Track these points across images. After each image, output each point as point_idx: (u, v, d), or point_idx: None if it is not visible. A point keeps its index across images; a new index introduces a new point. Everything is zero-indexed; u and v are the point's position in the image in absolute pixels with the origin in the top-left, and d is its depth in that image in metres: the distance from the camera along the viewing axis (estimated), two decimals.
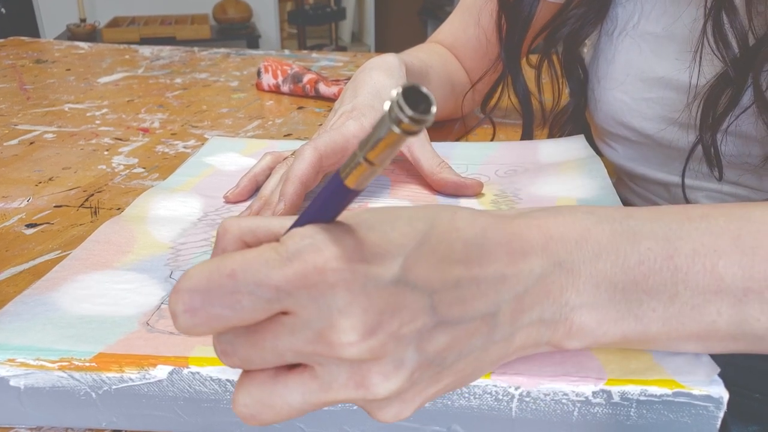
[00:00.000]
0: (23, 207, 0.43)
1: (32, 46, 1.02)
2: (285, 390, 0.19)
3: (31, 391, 0.24)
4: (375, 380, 0.18)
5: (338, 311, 0.17)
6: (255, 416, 0.19)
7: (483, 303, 0.20)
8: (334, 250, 0.17)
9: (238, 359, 0.19)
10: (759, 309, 0.21)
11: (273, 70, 0.74)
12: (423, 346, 0.19)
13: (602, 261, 0.21)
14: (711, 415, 0.22)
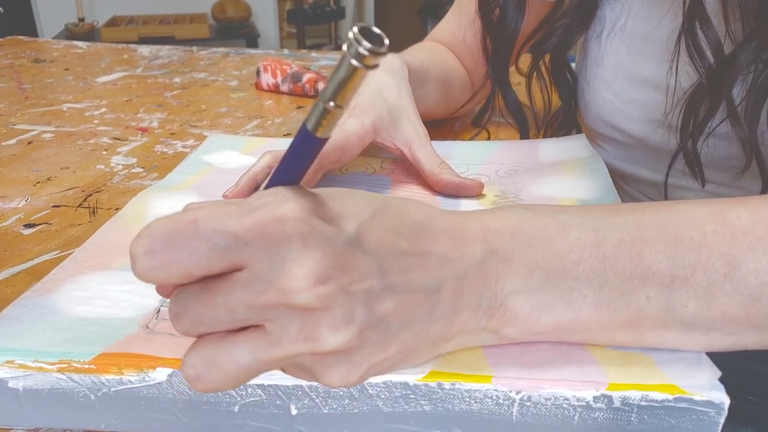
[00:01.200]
0: (21, 207, 0.43)
1: (30, 46, 1.01)
2: (233, 348, 0.19)
3: (29, 393, 0.24)
4: (324, 332, 0.19)
5: (291, 261, 0.18)
6: (201, 376, 0.19)
7: (426, 277, 0.21)
8: (294, 206, 0.18)
9: (189, 321, 0.19)
10: (686, 295, 0.22)
11: (272, 70, 0.73)
12: (371, 306, 0.20)
13: (534, 250, 0.23)
14: (712, 421, 0.22)
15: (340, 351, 0.19)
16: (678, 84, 0.38)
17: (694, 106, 0.36)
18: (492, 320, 0.23)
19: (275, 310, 0.18)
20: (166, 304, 0.28)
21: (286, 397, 0.23)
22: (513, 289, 0.23)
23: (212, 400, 0.24)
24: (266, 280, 0.18)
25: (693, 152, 0.36)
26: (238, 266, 0.18)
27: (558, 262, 0.23)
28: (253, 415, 0.24)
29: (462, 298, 0.22)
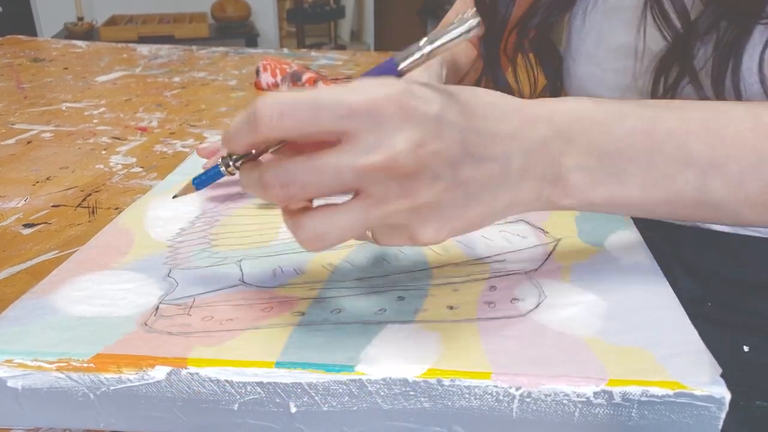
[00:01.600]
0: (20, 207, 0.43)
1: (29, 45, 1.01)
2: (347, 212, 0.22)
3: (28, 392, 0.24)
4: (420, 188, 0.22)
5: (393, 129, 0.22)
6: (321, 237, 0.23)
7: (499, 149, 0.24)
8: (393, 89, 0.22)
9: (297, 187, 0.22)
10: (719, 181, 0.26)
11: (272, 69, 0.73)
12: (455, 169, 0.23)
13: (595, 132, 0.26)
14: (713, 416, 0.22)
15: (432, 204, 0.23)
16: (648, 49, 0.39)
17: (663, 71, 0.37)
18: (554, 190, 0.26)
19: (378, 174, 0.22)
20: (164, 302, 0.28)
21: (286, 395, 0.23)
22: (573, 165, 0.26)
23: (211, 399, 0.24)
24: (374, 145, 0.22)
25: None
26: (349, 134, 0.22)
27: (614, 144, 0.26)
28: (253, 414, 0.24)
29: (529, 169, 0.25)
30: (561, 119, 0.26)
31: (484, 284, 0.28)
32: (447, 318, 0.26)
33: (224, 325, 0.26)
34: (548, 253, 0.31)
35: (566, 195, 0.26)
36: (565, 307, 0.26)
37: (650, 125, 0.26)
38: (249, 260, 0.31)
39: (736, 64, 0.32)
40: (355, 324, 0.26)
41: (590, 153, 0.26)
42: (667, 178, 0.26)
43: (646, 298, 0.27)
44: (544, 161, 0.26)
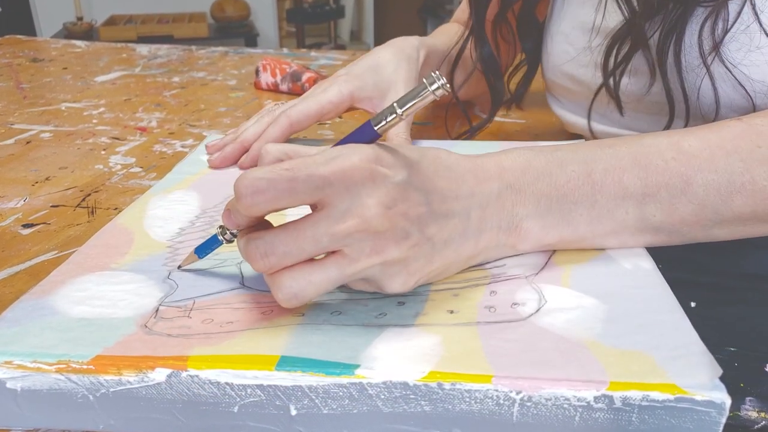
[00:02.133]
0: (20, 207, 0.43)
1: (29, 45, 1.01)
2: (323, 269, 0.24)
3: (28, 394, 0.24)
4: (391, 246, 0.25)
5: (366, 194, 0.24)
6: (298, 294, 0.24)
7: (459, 207, 0.28)
8: (362, 157, 0.25)
9: (276, 257, 0.24)
10: (654, 207, 0.29)
11: (271, 69, 0.73)
12: (421, 227, 0.26)
13: (540, 182, 0.29)
14: (713, 421, 0.22)
15: (400, 261, 0.25)
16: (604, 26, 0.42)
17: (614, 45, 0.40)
18: (510, 238, 0.30)
19: (353, 235, 0.24)
20: (164, 303, 0.27)
21: (286, 398, 0.23)
22: (525, 214, 0.29)
23: (211, 401, 0.24)
24: (348, 210, 0.24)
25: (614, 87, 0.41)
26: (324, 203, 0.24)
27: (559, 190, 0.29)
28: (253, 416, 0.24)
29: (486, 221, 0.29)
30: (509, 175, 0.29)
31: (485, 289, 0.28)
32: (447, 322, 0.26)
33: (224, 327, 0.26)
34: (548, 257, 0.31)
35: (522, 240, 0.30)
36: (566, 311, 0.26)
37: (587, 167, 0.30)
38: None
39: (679, 39, 0.35)
40: (355, 327, 0.26)
41: (538, 201, 0.29)
42: (609, 213, 0.30)
43: (647, 301, 0.27)
44: (499, 213, 0.29)
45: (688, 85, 0.37)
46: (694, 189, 0.29)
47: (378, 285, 0.26)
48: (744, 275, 0.40)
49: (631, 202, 0.29)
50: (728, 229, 0.30)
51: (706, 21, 0.35)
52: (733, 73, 0.35)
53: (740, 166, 0.29)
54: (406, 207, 0.25)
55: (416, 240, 0.26)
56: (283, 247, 0.24)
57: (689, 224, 0.30)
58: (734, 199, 0.29)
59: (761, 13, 0.34)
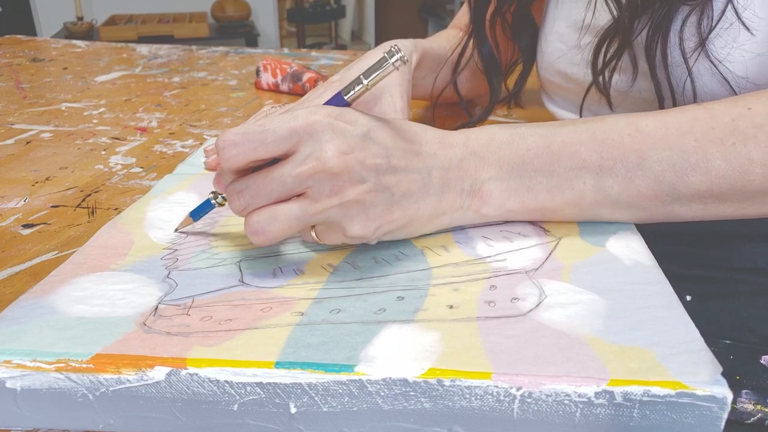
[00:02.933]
0: (20, 207, 0.43)
1: (29, 45, 1.01)
2: (287, 207, 0.28)
3: (27, 393, 0.24)
4: (347, 188, 0.28)
5: (326, 141, 0.27)
6: (264, 229, 0.28)
7: (421, 164, 0.30)
8: (326, 113, 0.28)
9: (250, 195, 0.28)
10: (611, 180, 0.31)
11: (272, 69, 0.73)
12: (379, 176, 0.29)
13: (502, 150, 0.32)
14: (715, 416, 0.22)
15: (358, 203, 0.28)
16: (594, 24, 0.43)
17: (603, 41, 0.40)
18: (473, 201, 0.32)
19: (314, 177, 0.27)
20: (163, 302, 0.27)
21: (285, 396, 0.23)
22: (487, 177, 0.32)
23: (211, 399, 0.24)
24: (309, 155, 0.27)
25: (604, 84, 0.41)
26: (291, 151, 0.27)
27: (520, 158, 0.32)
28: (252, 414, 0.24)
29: (448, 183, 0.31)
30: (473, 143, 0.32)
31: (485, 284, 0.28)
32: (447, 317, 0.26)
33: (223, 325, 0.26)
34: (549, 253, 0.31)
35: (485, 203, 0.32)
36: (566, 307, 0.26)
37: (547, 140, 0.32)
38: (248, 261, 0.31)
39: (664, 37, 0.36)
40: (354, 324, 0.26)
41: (500, 166, 0.32)
42: (567, 182, 0.31)
43: (647, 297, 0.27)
44: (462, 176, 0.31)
45: (675, 80, 0.37)
46: (649, 164, 0.30)
47: (341, 229, 0.29)
48: (737, 268, 0.40)
49: (588, 173, 0.31)
50: (688, 207, 0.31)
51: (689, 18, 0.36)
52: (718, 68, 0.35)
53: (694, 144, 0.30)
54: (363, 156, 0.28)
55: (372, 186, 0.28)
56: (255, 187, 0.28)
57: (647, 198, 0.31)
58: (689, 176, 0.30)
59: (743, 11, 0.34)
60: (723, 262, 0.41)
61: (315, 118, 0.28)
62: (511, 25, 0.53)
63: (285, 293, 0.28)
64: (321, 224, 0.29)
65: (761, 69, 0.35)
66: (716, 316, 0.39)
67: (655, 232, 0.34)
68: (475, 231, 0.34)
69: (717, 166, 0.30)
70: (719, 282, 0.40)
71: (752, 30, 0.34)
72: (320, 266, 0.30)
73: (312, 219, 0.28)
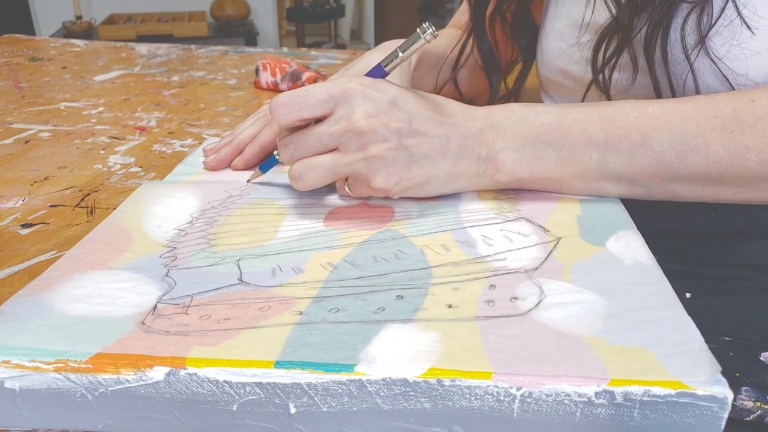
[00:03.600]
0: (18, 207, 0.43)
1: (27, 44, 1.01)
2: (322, 158, 0.34)
3: (26, 393, 0.24)
4: (371, 144, 0.33)
5: (357, 105, 0.33)
6: (302, 175, 0.34)
7: (440, 130, 0.35)
8: (361, 81, 0.34)
9: (294, 146, 0.34)
10: (615, 156, 0.34)
11: (271, 68, 0.73)
12: (401, 138, 0.33)
13: (519, 125, 0.35)
14: (715, 416, 0.22)
15: (380, 158, 0.33)
16: (593, 22, 0.43)
17: (602, 39, 0.41)
18: (488, 167, 0.36)
19: (344, 135, 0.33)
20: (162, 301, 0.27)
21: (285, 396, 0.23)
22: (502, 147, 0.35)
23: (210, 399, 0.24)
24: (342, 116, 0.33)
25: (604, 82, 0.42)
26: (327, 114, 0.33)
27: (533, 132, 0.35)
28: (252, 414, 0.24)
29: (466, 149, 0.35)
30: (493, 117, 0.36)
31: (484, 283, 0.28)
32: (446, 316, 0.26)
33: (222, 324, 0.26)
34: (549, 252, 0.31)
35: (498, 170, 0.36)
36: (566, 306, 0.26)
37: (560, 117, 0.35)
38: (247, 259, 0.31)
39: (664, 35, 0.37)
40: (354, 323, 0.26)
41: (515, 138, 0.35)
42: (575, 155, 0.35)
43: (647, 297, 0.27)
44: (479, 145, 0.35)
45: (675, 78, 0.38)
46: (651, 144, 0.33)
47: (366, 180, 0.34)
48: (737, 265, 0.40)
49: (594, 149, 0.34)
50: (687, 187, 0.34)
51: (689, 15, 0.36)
52: (718, 66, 0.36)
53: (695, 129, 0.32)
54: (387, 119, 0.33)
55: (394, 145, 0.33)
56: (298, 141, 0.34)
57: (648, 176, 0.34)
58: (688, 158, 0.32)
59: (743, 8, 0.35)
60: (723, 259, 0.41)
61: (350, 85, 0.33)
62: (510, 23, 0.53)
63: (284, 292, 0.28)
64: (351, 177, 0.35)
65: (761, 67, 0.35)
66: (716, 313, 0.39)
67: (655, 229, 0.34)
68: (475, 230, 0.34)
69: (715, 150, 0.32)
70: (719, 279, 0.40)
71: (753, 28, 0.34)
72: (319, 265, 0.30)
73: (342, 170, 0.34)
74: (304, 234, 0.34)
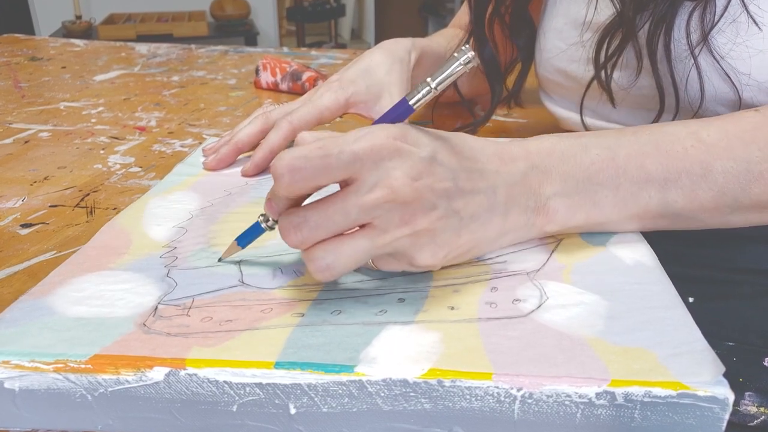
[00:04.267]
0: (18, 207, 0.43)
1: (27, 44, 1.01)
2: (353, 241, 0.25)
3: (26, 394, 0.24)
4: (418, 216, 0.26)
5: (393, 167, 0.25)
6: (330, 265, 0.25)
7: (485, 184, 0.29)
8: (389, 133, 0.26)
9: (308, 229, 0.25)
10: (675, 193, 0.30)
11: (271, 68, 0.73)
12: (449, 200, 0.27)
13: (565, 164, 0.30)
14: (716, 417, 0.22)
15: (428, 232, 0.26)
16: (595, 21, 0.43)
17: (605, 37, 0.40)
18: (538, 218, 0.30)
19: (381, 206, 0.25)
20: (163, 302, 0.27)
21: (285, 397, 0.23)
22: (552, 193, 0.30)
23: (210, 400, 0.23)
24: (376, 182, 0.25)
25: (606, 80, 0.41)
26: (352, 179, 0.25)
27: (584, 172, 0.30)
28: (252, 415, 0.24)
29: (513, 200, 0.30)
30: (534, 156, 0.30)
31: (486, 285, 0.28)
32: (447, 318, 0.26)
33: (223, 326, 0.26)
34: (550, 253, 0.31)
35: (549, 221, 0.31)
36: (567, 308, 0.26)
37: (611, 152, 0.31)
38: (248, 260, 0.31)
39: (667, 32, 0.36)
40: (354, 325, 0.25)
41: (565, 181, 0.30)
42: (633, 196, 0.30)
43: (648, 297, 0.27)
44: (526, 192, 0.30)
45: (678, 76, 0.37)
46: (714, 176, 0.30)
47: (408, 258, 0.27)
48: (740, 269, 0.40)
49: (653, 187, 0.30)
50: (743, 216, 0.31)
51: (693, 13, 0.36)
52: (721, 64, 0.35)
53: (758, 155, 0.30)
54: (432, 180, 0.26)
55: (443, 212, 0.27)
56: (315, 220, 0.25)
57: (708, 210, 0.31)
58: (752, 187, 0.30)
59: (749, 3, 0.34)
60: (726, 263, 0.41)
61: (379, 141, 0.25)
62: (509, 24, 0.53)
63: (285, 294, 0.28)
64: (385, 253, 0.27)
65: (764, 65, 0.35)
66: (719, 318, 0.38)
67: (657, 233, 0.34)
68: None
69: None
70: (721, 283, 0.40)
71: (760, 24, 0.34)
72: None
73: (381, 251, 0.26)
74: None
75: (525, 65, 0.56)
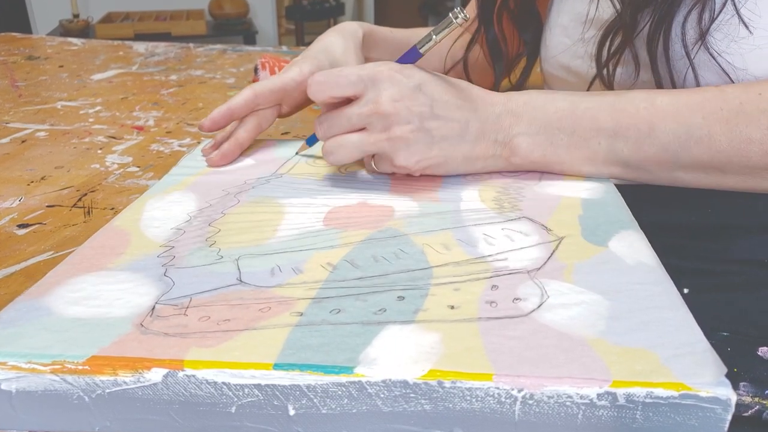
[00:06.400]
0: (15, 207, 0.43)
1: (24, 42, 1.01)
2: (351, 137, 0.37)
3: (22, 395, 0.24)
4: (394, 126, 0.36)
5: (383, 89, 0.36)
6: (333, 151, 0.37)
7: (460, 114, 0.37)
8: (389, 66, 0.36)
9: (327, 126, 0.37)
10: (623, 144, 0.36)
11: (270, 67, 0.73)
12: (422, 120, 0.36)
13: (535, 111, 0.38)
14: (718, 418, 0.21)
15: (403, 139, 0.36)
16: (597, 18, 0.44)
17: (607, 35, 0.42)
18: (504, 150, 0.38)
19: (371, 116, 0.36)
20: (161, 302, 0.27)
21: (284, 398, 0.23)
22: (518, 132, 0.38)
23: (208, 401, 0.23)
24: (370, 99, 0.36)
25: (608, 77, 0.43)
26: (357, 96, 0.36)
27: (548, 118, 0.38)
28: (251, 416, 0.23)
29: (484, 133, 0.38)
30: (512, 103, 0.38)
31: (486, 283, 0.28)
32: (448, 317, 0.26)
33: (221, 325, 0.25)
34: (551, 252, 0.31)
35: (513, 153, 0.38)
36: (568, 307, 0.26)
37: (573, 105, 0.37)
38: (246, 258, 0.31)
39: (667, 31, 0.38)
40: (354, 325, 0.25)
41: (530, 124, 0.38)
42: (585, 141, 0.37)
43: (650, 297, 0.27)
44: (497, 129, 0.38)
45: (676, 73, 0.38)
46: (658, 134, 0.35)
47: (390, 159, 0.37)
48: (735, 260, 0.40)
49: (603, 136, 0.37)
50: (691, 175, 0.36)
51: (691, 11, 0.37)
52: (718, 61, 0.36)
53: (700, 122, 0.34)
54: (411, 103, 0.35)
55: (416, 127, 0.36)
56: (330, 120, 0.37)
57: (653, 163, 0.36)
58: (692, 148, 0.34)
59: (741, 6, 0.35)
60: (720, 255, 0.41)
61: (379, 69, 0.36)
62: (516, 16, 0.54)
63: (283, 293, 0.28)
64: (376, 155, 0.38)
65: (761, 61, 0.35)
66: (714, 309, 0.39)
67: (652, 224, 0.34)
68: (476, 228, 0.33)
69: (718, 141, 0.34)
70: (716, 274, 0.40)
71: (750, 26, 0.35)
72: (319, 265, 0.30)
73: (368, 148, 0.36)
74: (303, 233, 0.33)
75: (530, 60, 0.57)
